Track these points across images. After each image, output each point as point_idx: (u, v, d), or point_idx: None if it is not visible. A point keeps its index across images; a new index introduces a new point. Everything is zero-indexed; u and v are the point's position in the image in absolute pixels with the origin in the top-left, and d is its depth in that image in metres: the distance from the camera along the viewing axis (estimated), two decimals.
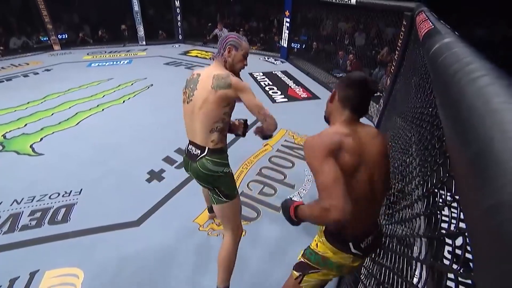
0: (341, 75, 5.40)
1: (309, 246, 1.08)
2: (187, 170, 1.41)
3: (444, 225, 0.67)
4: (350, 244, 0.95)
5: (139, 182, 2.49)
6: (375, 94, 3.95)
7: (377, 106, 3.60)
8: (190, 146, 1.36)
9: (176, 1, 7.58)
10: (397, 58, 3.22)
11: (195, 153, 1.33)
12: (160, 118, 3.63)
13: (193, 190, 2.39)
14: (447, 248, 1.23)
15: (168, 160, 2.79)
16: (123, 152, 2.90)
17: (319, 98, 4.34)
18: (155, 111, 3.82)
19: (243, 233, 1.62)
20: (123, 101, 4.13)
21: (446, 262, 0.60)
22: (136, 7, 7.41)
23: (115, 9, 7.79)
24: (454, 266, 0.57)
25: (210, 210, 2.04)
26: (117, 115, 3.72)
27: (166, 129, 3.36)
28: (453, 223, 0.55)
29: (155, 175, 2.58)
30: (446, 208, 0.66)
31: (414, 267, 0.91)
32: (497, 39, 6.99)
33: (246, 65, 1.38)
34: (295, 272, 1.07)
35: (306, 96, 4.44)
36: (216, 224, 2.07)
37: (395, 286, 0.97)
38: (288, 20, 5.71)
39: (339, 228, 0.96)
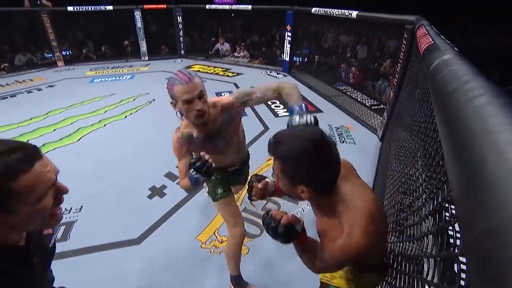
0: (343, 87, 5.45)
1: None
2: None
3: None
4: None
5: (141, 198, 2.50)
6: (378, 106, 3.92)
7: (381, 118, 3.62)
8: None
9: (178, 17, 7.82)
10: (400, 71, 3.27)
11: None
12: (162, 133, 3.66)
13: (195, 206, 2.39)
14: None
15: (170, 176, 2.81)
16: (124, 168, 2.92)
17: (322, 112, 4.37)
18: (157, 126, 3.86)
19: (245, 233, 1.62)
20: (125, 117, 4.20)
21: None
22: (139, 23, 7.65)
23: (118, 26, 8.06)
24: None
25: None
26: (119, 131, 3.77)
27: (168, 144, 3.33)
28: (458, 245, 0.55)
29: (157, 191, 2.58)
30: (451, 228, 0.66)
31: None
32: (495, 48, 7.09)
33: (200, 110, 1.19)
34: None
35: (308, 109, 4.47)
36: (219, 242, 2.05)
37: None
38: (289, 34, 5.84)
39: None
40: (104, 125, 3.92)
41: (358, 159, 3.08)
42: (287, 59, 6.29)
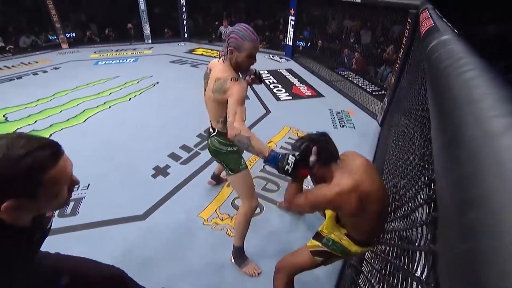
0: (345, 73, 5.39)
1: (331, 239, 1.22)
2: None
3: None
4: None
5: (145, 177, 2.55)
6: (380, 92, 3.92)
7: (381, 104, 3.60)
8: (209, 125, 1.58)
9: (182, 0, 7.63)
10: (402, 56, 3.22)
11: (210, 131, 1.56)
12: (166, 115, 3.68)
13: (197, 185, 2.44)
14: None
15: (173, 156, 2.85)
16: (129, 148, 2.96)
17: (324, 96, 4.35)
18: (161, 109, 3.88)
19: (258, 207, 1.72)
20: (129, 99, 4.20)
21: None
22: (142, 6, 7.49)
23: (121, 8, 7.89)
24: None
25: (213, 177, 2.43)
26: (123, 113, 3.79)
27: (171, 126, 3.41)
28: None
29: (161, 171, 2.63)
30: None
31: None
32: (505, 35, 6.90)
33: (254, 62, 1.36)
34: (317, 258, 1.23)
35: (310, 94, 4.45)
36: (220, 219, 2.11)
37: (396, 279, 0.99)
38: (293, 18, 5.71)
39: (364, 238, 1.16)
40: (109, 107, 3.93)
41: (357, 143, 3.10)
42: (290, 43, 6.18)
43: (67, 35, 7.45)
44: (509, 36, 6.93)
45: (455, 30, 1.01)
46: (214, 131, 1.52)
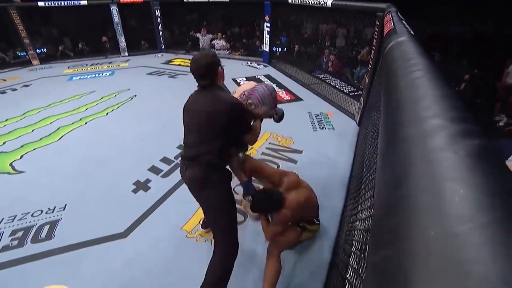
0: (322, 75, 5.52)
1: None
2: None
3: None
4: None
5: (125, 193, 2.48)
6: (356, 93, 4.14)
7: (358, 104, 3.70)
8: None
9: (156, 11, 7.60)
10: (373, 58, 3.34)
11: None
12: (144, 128, 3.62)
13: (180, 198, 2.41)
14: None
15: (154, 169, 2.79)
16: (108, 164, 2.88)
17: (302, 100, 4.43)
18: (139, 122, 3.81)
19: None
20: (107, 113, 4.10)
21: None
22: (116, 19, 7.39)
23: (95, 21, 7.72)
24: None
25: None
26: (100, 128, 3.69)
27: (150, 139, 3.36)
28: None
29: (141, 185, 2.57)
30: None
31: None
32: (470, 36, 7.36)
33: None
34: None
35: (289, 98, 4.52)
36: (203, 231, 2.08)
37: None
38: (268, 25, 5.82)
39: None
40: (86, 122, 3.82)
41: (336, 143, 3.16)
42: (267, 49, 6.27)
43: (38, 50, 7.22)
44: (470, 36, 7.40)
45: (411, 32, 1.06)
46: None
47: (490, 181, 0.23)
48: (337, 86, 4.90)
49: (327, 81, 5.20)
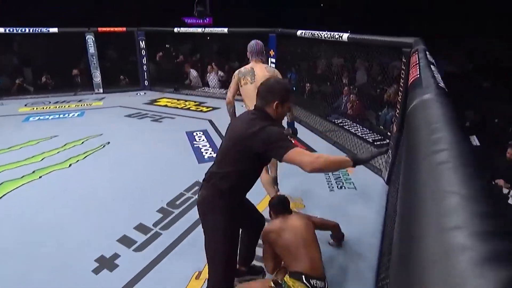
0: (340, 120, 5.70)
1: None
2: None
3: None
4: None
5: (84, 274, 2.40)
6: (383, 142, 4.32)
7: (385, 157, 3.75)
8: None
9: (141, 42, 8.14)
10: (401, 99, 3.46)
11: None
12: (117, 185, 3.64)
13: (157, 280, 2.32)
14: None
15: (125, 240, 2.75)
16: (63, 233, 2.83)
17: (315, 151, 4.51)
18: (111, 177, 3.85)
19: None
20: (69, 165, 4.17)
21: None
22: (92, 49, 7.86)
23: (65, 51, 7.96)
24: None
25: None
26: (59, 184, 3.71)
27: (124, 199, 3.35)
28: None
29: (106, 263, 2.50)
30: None
31: None
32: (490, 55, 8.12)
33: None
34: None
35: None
36: None
37: None
38: (273, 60, 6.20)
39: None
40: (40, 176, 3.85)
41: (360, 207, 3.14)
42: None
43: None
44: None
45: (441, 84, 1.14)
46: None
47: None
48: (358, 134, 5.04)
49: (346, 127, 5.37)
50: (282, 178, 3.44)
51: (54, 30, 7.60)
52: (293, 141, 1.89)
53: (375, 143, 4.66)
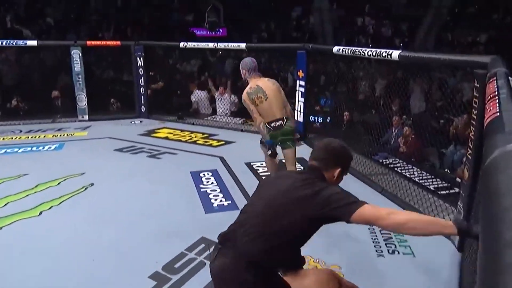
0: (390, 161, 5.61)
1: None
2: (276, 138, 3.88)
3: None
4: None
5: None
6: (451, 190, 4.15)
7: (455, 211, 3.63)
8: (274, 123, 3.84)
9: (138, 58, 8.28)
10: (474, 135, 3.29)
11: (280, 122, 3.85)
12: (100, 240, 3.62)
13: None
14: None
15: None
16: None
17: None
18: (93, 229, 3.82)
19: None
20: (40, 213, 4.18)
21: None
22: (78, 67, 8.00)
23: (44, 69, 8.26)
24: None
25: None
26: (24, 238, 3.69)
27: (107, 259, 3.31)
28: None
29: None
30: None
31: None
32: None
33: None
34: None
35: None
36: None
37: None
38: (302, 83, 6.27)
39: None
40: (1, 227, 3.87)
41: (422, 280, 2.99)
42: (301, 119, 6.61)
43: None
44: None
45: None
46: (285, 119, 3.87)
47: None
48: (415, 179, 4.92)
49: (397, 169, 5.27)
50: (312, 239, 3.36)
51: (32, 43, 7.87)
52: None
53: (439, 192, 4.53)
